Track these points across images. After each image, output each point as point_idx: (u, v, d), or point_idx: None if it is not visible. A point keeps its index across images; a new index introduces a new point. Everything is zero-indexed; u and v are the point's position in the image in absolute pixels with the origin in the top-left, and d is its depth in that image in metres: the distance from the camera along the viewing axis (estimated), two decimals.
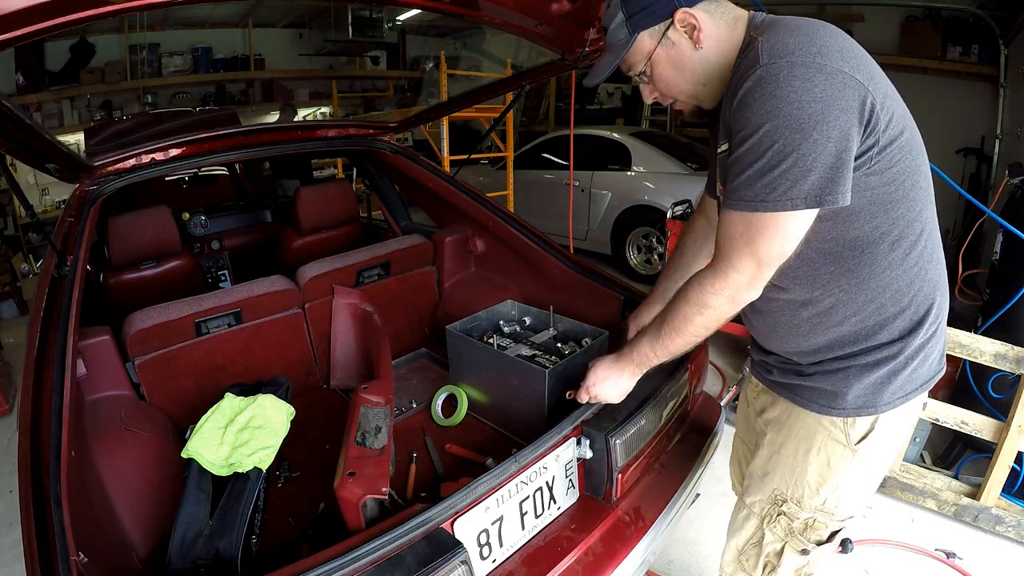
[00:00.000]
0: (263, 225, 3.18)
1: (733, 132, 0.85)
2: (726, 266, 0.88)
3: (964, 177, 4.67)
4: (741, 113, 0.82)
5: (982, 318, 2.36)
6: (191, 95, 8.12)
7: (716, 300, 0.91)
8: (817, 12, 5.52)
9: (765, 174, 0.80)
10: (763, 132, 0.79)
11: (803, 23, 0.84)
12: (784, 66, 0.77)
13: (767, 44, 0.81)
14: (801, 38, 0.80)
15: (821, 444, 1.01)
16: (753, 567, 1.16)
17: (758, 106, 0.79)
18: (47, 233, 1.67)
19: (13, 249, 5.69)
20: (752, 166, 0.81)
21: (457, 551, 0.95)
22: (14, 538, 2.11)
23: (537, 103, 9.62)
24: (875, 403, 0.96)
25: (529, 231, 2.09)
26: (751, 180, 0.82)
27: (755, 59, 0.81)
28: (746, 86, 0.81)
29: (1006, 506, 2.07)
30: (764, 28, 0.87)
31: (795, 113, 0.77)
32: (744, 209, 0.84)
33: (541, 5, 1.38)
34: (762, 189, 0.81)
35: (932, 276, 0.95)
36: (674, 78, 0.96)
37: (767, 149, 0.79)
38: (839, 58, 0.78)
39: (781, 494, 1.08)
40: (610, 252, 5.18)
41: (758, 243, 0.84)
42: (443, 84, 5.22)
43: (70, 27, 0.82)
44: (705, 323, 0.95)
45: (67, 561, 0.79)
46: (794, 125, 0.77)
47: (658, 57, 0.94)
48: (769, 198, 0.81)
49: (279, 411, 1.54)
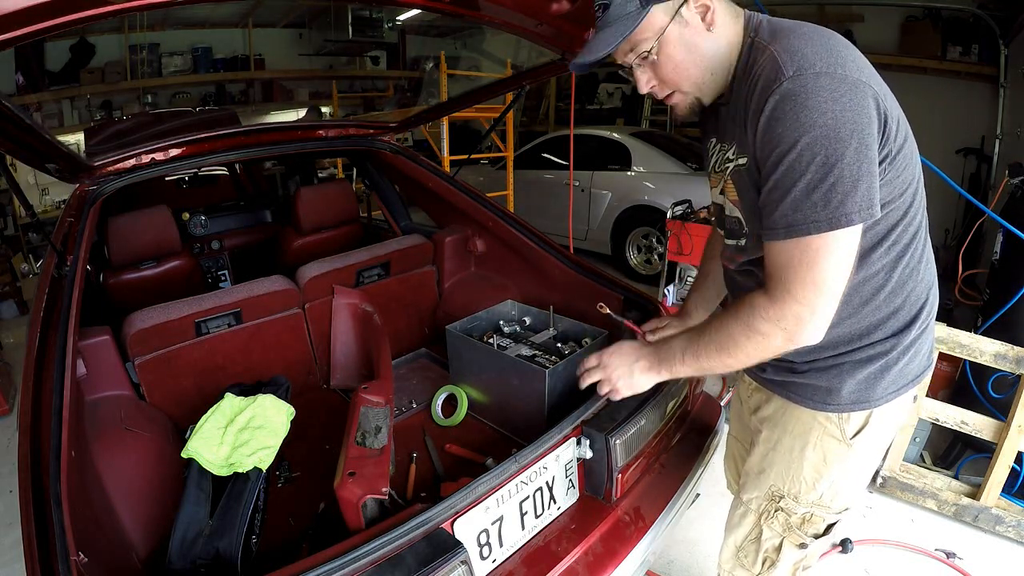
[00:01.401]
0: (263, 225, 3.18)
1: (765, 150, 0.81)
2: (783, 294, 0.81)
3: (964, 177, 4.67)
4: (773, 130, 0.78)
5: (982, 318, 2.36)
6: (191, 95, 8.12)
7: (768, 328, 0.84)
8: (817, 12, 5.53)
9: (813, 191, 0.76)
10: (802, 146, 0.75)
11: (814, 31, 0.82)
12: (811, 77, 0.75)
13: (785, 54, 0.78)
14: (819, 48, 0.78)
15: (817, 440, 1.02)
16: (752, 563, 1.16)
17: (791, 120, 0.76)
18: (47, 233, 1.67)
19: (13, 249, 5.69)
20: (796, 185, 0.77)
21: (457, 551, 0.95)
22: (14, 538, 2.11)
23: (537, 103, 9.62)
24: (869, 398, 0.96)
25: (529, 231, 2.09)
26: (799, 201, 0.77)
27: (776, 71, 0.78)
28: (773, 100, 0.77)
29: (1006, 506, 2.07)
30: (771, 35, 0.85)
31: (831, 123, 0.74)
32: (798, 234, 0.78)
33: (541, 5, 1.37)
34: (812, 208, 0.76)
35: (924, 275, 0.96)
36: (684, 61, 0.88)
37: (809, 163, 0.75)
38: (855, 67, 0.77)
39: (778, 490, 1.08)
40: (610, 252, 5.18)
41: (817, 268, 0.78)
42: (443, 84, 5.22)
43: (70, 27, 0.82)
44: (748, 350, 0.88)
45: (67, 561, 0.79)
46: (833, 135, 0.74)
47: (670, 35, 0.86)
48: (822, 216, 0.76)
49: (279, 411, 1.54)
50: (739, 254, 1.01)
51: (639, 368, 1.05)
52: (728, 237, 1.04)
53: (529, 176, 5.77)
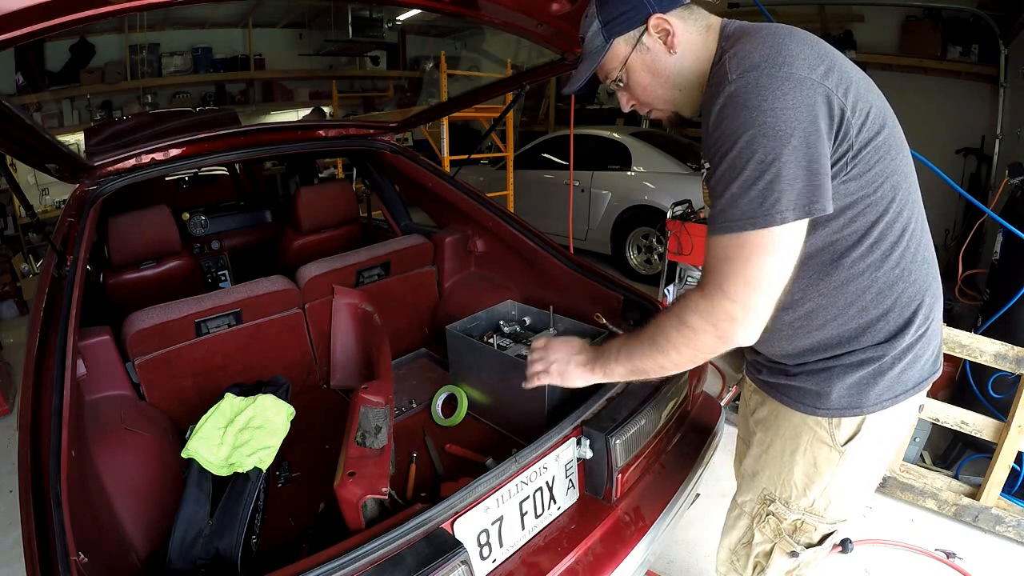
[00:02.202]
0: (263, 225, 3.18)
1: (712, 152, 0.83)
2: (715, 290, 0.81)
3: (964, 177, 4.67)
4: (717, 130, 0.81)
5: (982, 318, 2.36)
6: (191, 95, 8.13)
7: (699, 323, 0.83)
8: (817, 12, 5.53)
9: (750, 188, 0.77)
10: (742, 144, 0.77)
11: (770, 33, 0.83)
12: (753, 79, 0.77)
13: (735, 59, 0.80)
14: (767, 49, 0.79)
15: (807, 444, 1.00)
16: (743, 567, 1.15)
17: (732, 119, 0.78)
18: (47, 233, 1.67)
19: (13, 249, 5.69)
20: (735, 181, 0.78)
21: (457, 551, 0.95)
22: (14, 538, 2.11)
23: (537, 103, 9.62)
24: (860, 404, 0.94)
25: (529, 231, 2.09)
26: (736, 197, 0.78)
27: (724, 75, 0.80)
28: (719, 103, 0.80)
29: (1006, 506, 2.07)
30: (733, 40, 0.87)
31: (771, 121, 0.75)
32: (733, 230, 0.79)
33: (541, 5, 1.38)
34: (749, 205, 0.77)
35: (918, 276, 0.92)
36: (650, 84, 0.96)
37: (748, 160, 0.77)
38: (806, 66, 0.78)
39: (769, 494, 1.08)
40: (610, 252, 5.18)
41: (752, 265, 0.78)
42: (443, 84, 5.23)
43: (70, 27, 0.82)
44: (680, 348, 0.87)
45: (67, 561, 0.79)
46: (771, 133, 0.75)
47: (633, 63, 0.95)
48: (758, 213, 0.77)
49: (279, 411, 1.54)
50: None
51: (576, 361, 1.06)
52: None
53: (529, 176, 5.77)
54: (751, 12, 1.01)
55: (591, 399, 1.31)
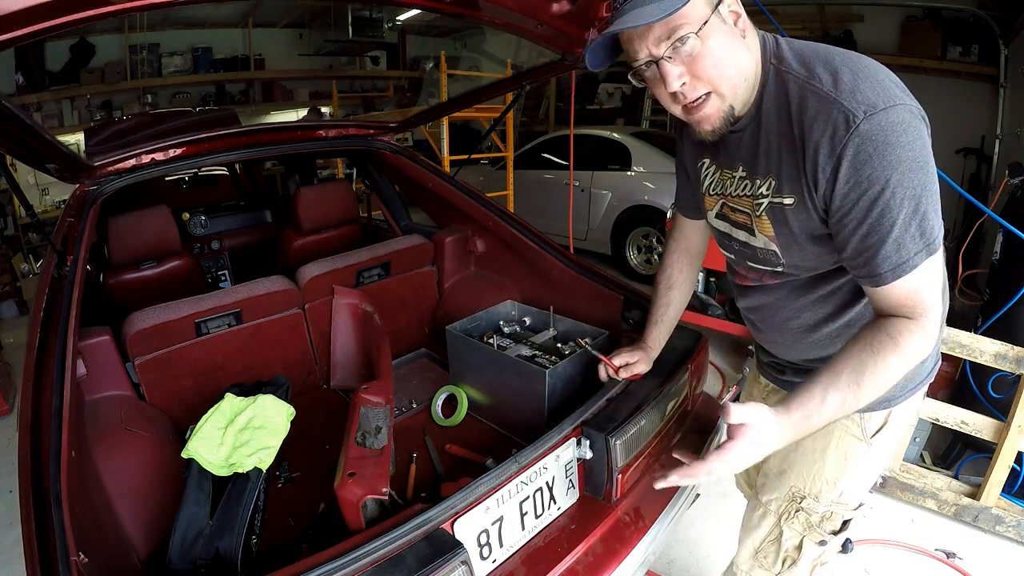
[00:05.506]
0: (263, 225, 3.18)
1: (851, 196, 0.80)
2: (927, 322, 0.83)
3: (964, 177, 4.67)
4: (860, 174, 0.78)
5: (982, 318, 2.36)
6: (191, 95, 8.13)
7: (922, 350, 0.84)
8: (817, 12, 5.53)
9: (911, 223, 0.78)
10: (894, 184, 0.77)
11: (843, 61, 0.81)
12: (882, 115, 0.76)
13: (845, 95, 0.78)
14: (871, 82, 0.78)
15: (838, 440, 1.05)
16: (772, 563, 1.17)
17: (878, 161, 0.77)
18: (47, 233, 1.67)
19: (13, 249, 5.69)
20: (898, 221, 0.79)
21: (457, 551, 0.95)
22: (14, 538, 2.11)
23: (537, 103, 9.61)
24: (890, 397, 0.99)
25: (529, 231, 2.09)
26: (900, 239, 0.79)
27: (843, 114, 0.77)
28: (853, 145, 0.77)
29: (1006, 506, 2.07)
30: (801, 65, 0.84)
31: (912, 155, 0.77)
32: (916, 266, 0.80)
33: (541, 5, 1.37)
34: (912, 241, 0.79)
35: None
36: (724, 58, 0.83)
37: (903, 199, 0.77)
38: (902, 91, 0.79)
39: (799, 491, 1.10)
40: (610, 252, 5.18)
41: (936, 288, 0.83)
42: (443, 84, 5.23)
43: (70, 27, 0.82)
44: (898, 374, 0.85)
45: (67, 561, 0.79)
46: (917, 166, 0.77)
47: (713, 27, 0.80)
48: (921, 246, 0.80)
49: (279, 411, 1.54)
50: (774, 277, 1.02)
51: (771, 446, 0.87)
52: (753, 262, 1.04)
53: (529, 176, 5.77)
54: (751, 12, 0.99)
55: (591, 399, 1.31)
